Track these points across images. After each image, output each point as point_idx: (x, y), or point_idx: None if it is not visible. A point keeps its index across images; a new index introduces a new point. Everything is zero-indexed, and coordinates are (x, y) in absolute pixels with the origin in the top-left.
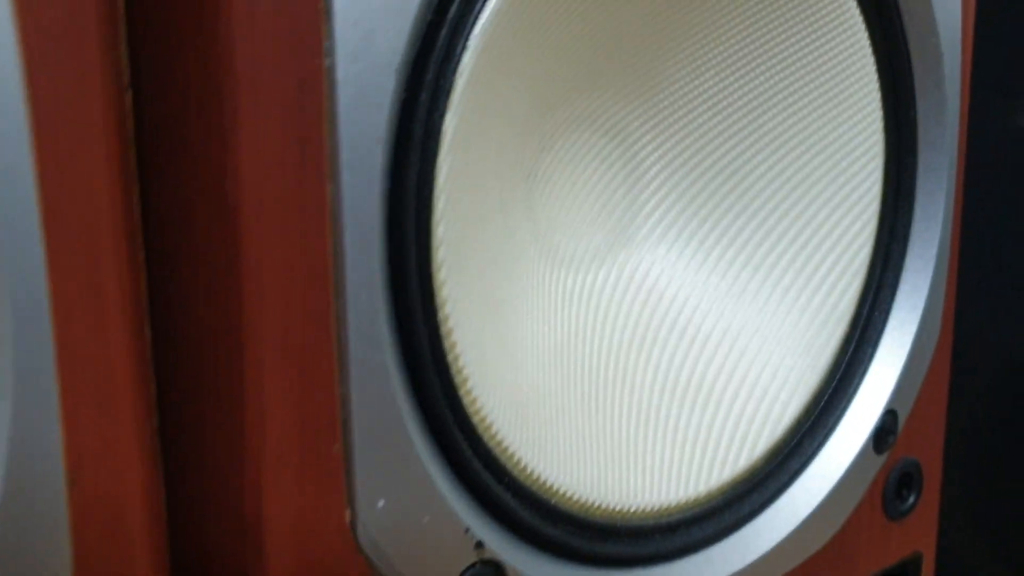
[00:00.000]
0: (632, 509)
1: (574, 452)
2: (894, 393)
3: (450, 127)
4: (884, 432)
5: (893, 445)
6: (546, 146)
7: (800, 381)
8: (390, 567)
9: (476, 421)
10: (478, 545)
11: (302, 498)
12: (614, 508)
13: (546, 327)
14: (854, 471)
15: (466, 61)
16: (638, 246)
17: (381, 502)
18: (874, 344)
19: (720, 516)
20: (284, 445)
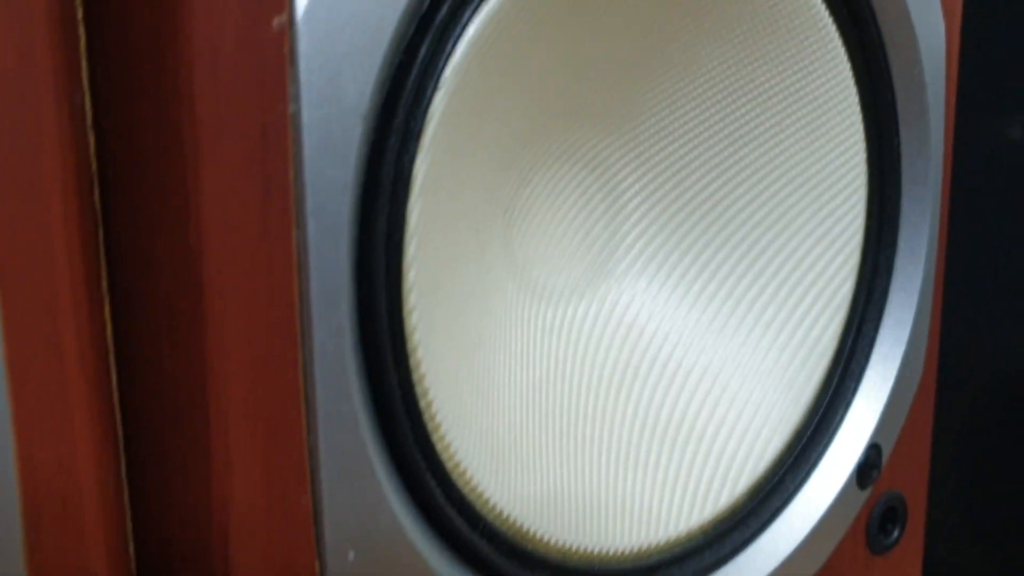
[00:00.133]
0: (611, 552)
1: (552, 495)
2: (878, 427)
3: (421, 170)
4: (868, 467)
5: (877, 479)
6: (524, 179)
7: (782, 417)
8: None
9: (450, 467)
10: None
11: (270, 549)
12: (593, 552)
13: (523, 364)
14: (837, 507)
15: (437, 102)
16: (618, 280)
17: (351, 554)
18: (857, 378)
19: (701, 556)
20: (251, 496)
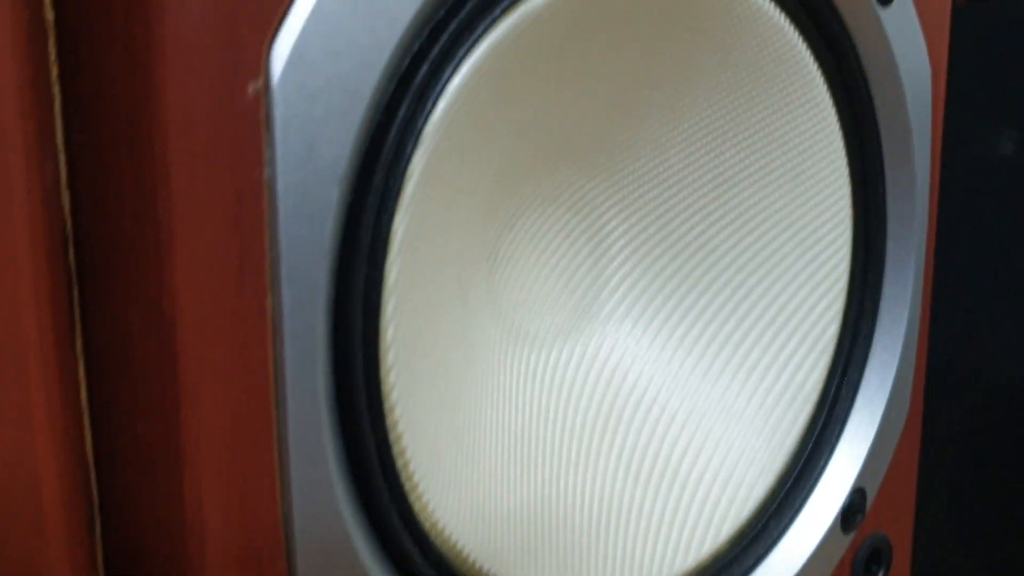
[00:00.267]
0: None
1: (534, 547)
2: (862, 471)
3: (400, 228)
4: (852, 511)
5: (861, 523)
6: (509, 223)
7: (766, 462)
8: None
9: (428, 527)
10: None
11: None
12: None
13: (506, 412)
14: (821, 552)
15: (417, 160)
16: (602, 323)
17: None
18: (842, 422)
19: None
20: (224, 567)
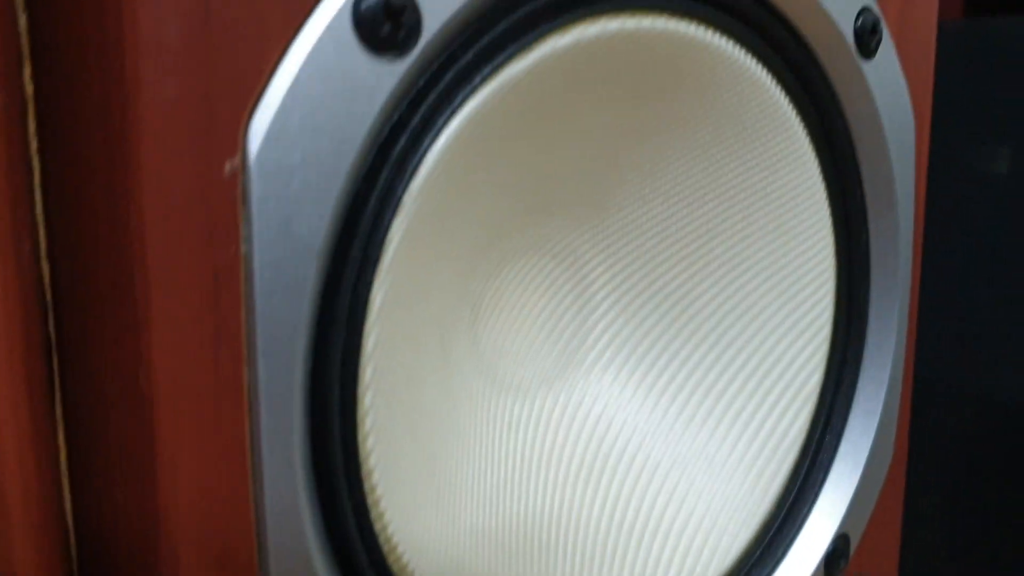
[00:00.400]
0: None
1: None
2: (845, 517)
3: (378, 296)
4: (835, 556)
5: (845, 568)
6: (493, 273)
7: (750, 511)
8: None
9: None
10: None
11: None
12: None
13: (488, 466)
14: None
15: (396, 227)
16: (586, 372)
17: None
18: (825, 469)
19: None
20: None
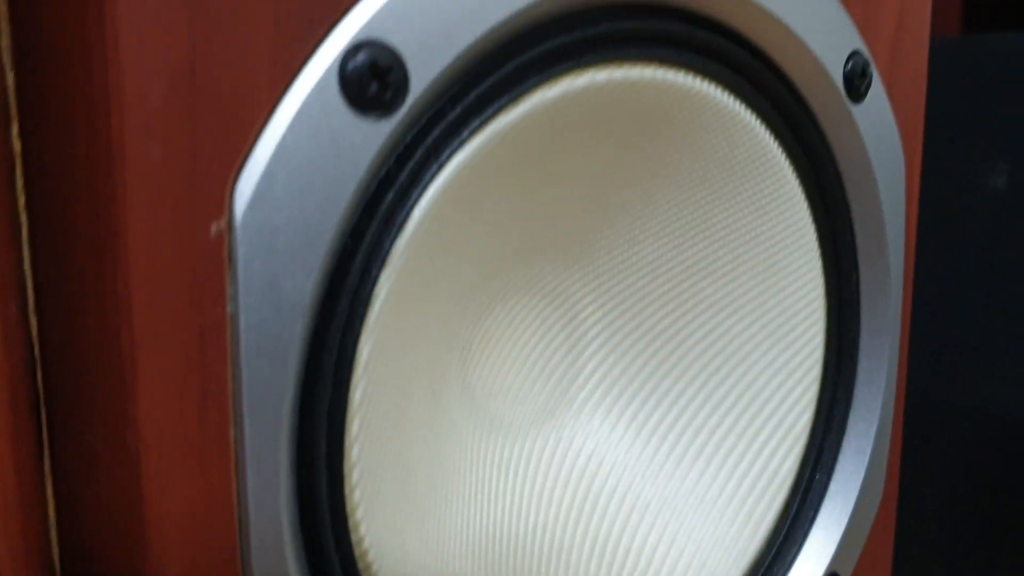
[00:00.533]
0: None
1: None
2: (835, 556)
3: (365, 350)
4: None
5: None
6: (483, 314)
7: (740, 549)
8: None
9: None
10: None
11: None
12: None
13: (478, 510)
14: None
15: (383, 281)
16: (577, 411)
17: None
18: (815, 508)
19: None
20: None
